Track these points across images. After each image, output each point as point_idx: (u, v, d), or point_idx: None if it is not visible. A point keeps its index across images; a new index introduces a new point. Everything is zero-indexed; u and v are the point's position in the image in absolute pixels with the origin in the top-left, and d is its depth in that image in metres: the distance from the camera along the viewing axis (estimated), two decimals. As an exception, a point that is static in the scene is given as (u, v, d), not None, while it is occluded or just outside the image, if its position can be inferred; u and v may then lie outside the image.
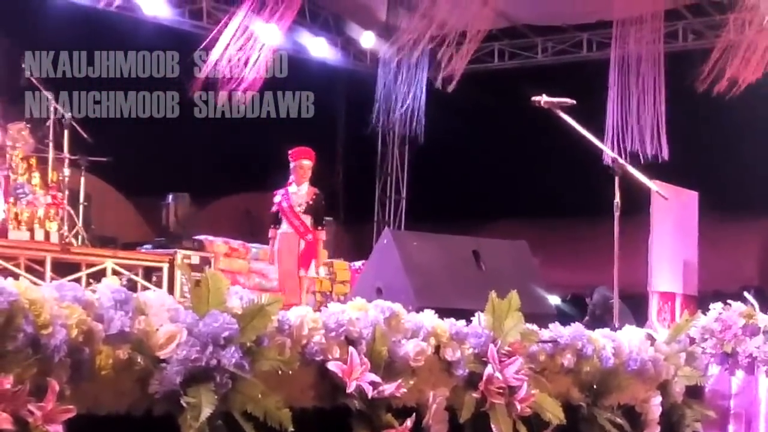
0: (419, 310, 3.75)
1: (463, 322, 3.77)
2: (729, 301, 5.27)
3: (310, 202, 9.17)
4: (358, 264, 11.88)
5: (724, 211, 13.26)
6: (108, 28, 11.66)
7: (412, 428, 3.36)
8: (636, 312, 9.37)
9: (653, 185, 6.09)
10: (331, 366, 3.20)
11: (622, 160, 5.71)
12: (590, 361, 4.26)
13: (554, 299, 9.46)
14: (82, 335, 2.58)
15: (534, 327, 4.01)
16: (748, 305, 5.25)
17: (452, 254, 6.35)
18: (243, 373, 2.83)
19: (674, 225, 10.04)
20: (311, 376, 3.22)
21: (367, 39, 14.49)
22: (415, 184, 15.70)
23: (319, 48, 14.12)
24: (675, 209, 9.85)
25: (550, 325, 4.20)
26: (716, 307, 5.23)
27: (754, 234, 15.31)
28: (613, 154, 5.90)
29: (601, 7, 13.19)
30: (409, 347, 3.47)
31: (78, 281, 8.28)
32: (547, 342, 4.08)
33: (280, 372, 2.96)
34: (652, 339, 4.75)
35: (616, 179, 5.45)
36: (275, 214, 9.23)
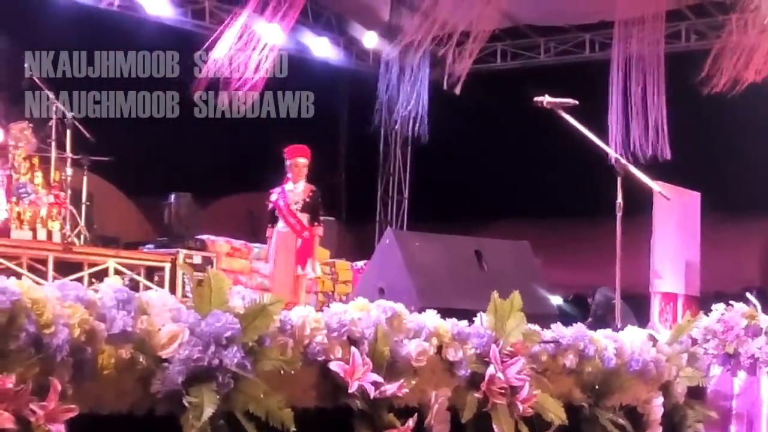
0: (421, 310, 3.75)
1: (466, 322, 3.77)
2: (731, 301, 5.27)
3: (307, 199, 9.16)
4: (360, 264, 11.88)
5: (726, 211, 13.22)
6: (108, 28, 11.65)
7: (414, 428, 3.36)
8: (638, 312, 9.33)
9: (655, 186, 6.07)
10: (333, 366, 3.20)
11: (624, 161, 5.71)
12: (592, 362, 4.26)
13: (556, 299, 9.47)
14: (85, 335, 2.58)
15: (536, 327, 4.01)
16: (750, 306, 5.25)
17: (454, 254, 6.36)
18: (245, 372, 2.83)
19: (676, 225, 10.00)
20: (313, 376, 3.22)
21: (370, 39, 14.48)
22: (417, 184, 15.68)
23: (322, 48, 14.12)
24: (677, 210, 9.81)
25: (552, 326, 4.20)
26: (718, 307, 5.23)
27: (756, 235, 15.29)
28: (616, 155, 5.90)
29: (604, 7, 13.18)
30: (411, 347, 3.47)
31: (80, 281, 8.28)
32: (549, 342, 4.08)
33: (282, 372, 2.97)
34: (654, 340, 4.75)
35: (619, 180, 5.45)
36: (272, 213, 9.22)
